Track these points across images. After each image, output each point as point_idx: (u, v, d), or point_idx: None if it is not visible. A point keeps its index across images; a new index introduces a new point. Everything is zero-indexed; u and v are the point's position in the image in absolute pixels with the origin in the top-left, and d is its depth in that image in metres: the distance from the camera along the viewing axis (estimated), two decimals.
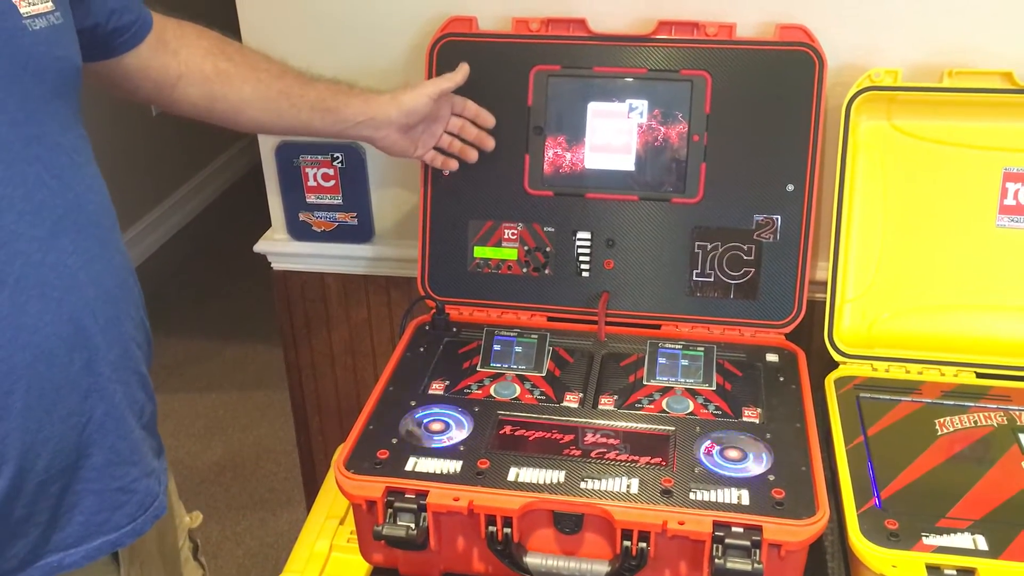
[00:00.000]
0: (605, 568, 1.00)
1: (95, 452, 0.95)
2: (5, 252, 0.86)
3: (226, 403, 2.92)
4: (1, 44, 0.86)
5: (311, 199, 1.54)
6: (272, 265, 1.62)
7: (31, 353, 0.88)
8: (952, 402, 1.20)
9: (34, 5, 0.90)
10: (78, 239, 0.92)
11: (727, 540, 0.95)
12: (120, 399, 0.97)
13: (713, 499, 0.99)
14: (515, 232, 1.35)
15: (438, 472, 1.04)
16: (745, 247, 1.30)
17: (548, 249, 1.34)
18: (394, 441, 1.09)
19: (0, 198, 0.86)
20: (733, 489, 1.01)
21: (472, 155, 1.33)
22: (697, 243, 1.31)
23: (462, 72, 1.29)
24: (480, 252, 1.36)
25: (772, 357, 1.25)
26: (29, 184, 0.88)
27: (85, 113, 0.98)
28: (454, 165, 1.33)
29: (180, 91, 1.16)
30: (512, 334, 1.28)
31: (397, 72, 1.42)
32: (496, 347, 1.26)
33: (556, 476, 1.03)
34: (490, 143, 1.33)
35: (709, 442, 1.08)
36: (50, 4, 0.91)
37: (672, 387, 1.19)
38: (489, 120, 1.32)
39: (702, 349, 1.24)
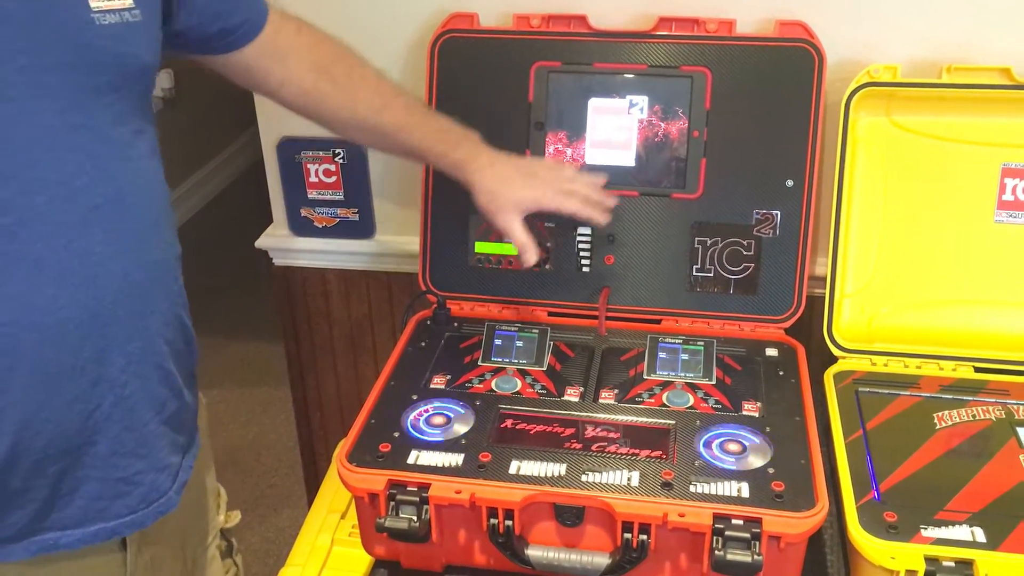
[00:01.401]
0: (606, 560, 1.01)
1: (100, 440, 0.95)
2: (29, 232, 0.87)
3: (227, 399, 2.93)
4: (62, 34, 0.87)
5: (312, 195, 1.55)
6: (273, 261, 1.63)
7: (39, 334, 0.88)
8: (951, 396, 1.20)
9: (108, 0, 0.90)
10: (112, 230, 0.92)
11: (727, 532, 0.95)
12: (133, 391, 0.97)
13: (713, 492, 1.00)
14: None
15: (440, 465, 1.05)
16: (745, 242, 1.30)
17: (549, 244, 1.35)
18: (396, 435, 1.10)
19: (36, 179, 0.87)
20: (733, 482, 1.01)
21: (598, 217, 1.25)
22: (697, 238, 1.31)
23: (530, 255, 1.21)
24: (481, 247, 1.37)
25: (772, 352, 1.25)
26: (68, 170, 0.89)
27: None
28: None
29: (282, 95, 1.16)
30: (513, 329, 1.29)
31: (397, 68, 1.43)
32: (497, 342, 1.26)
33: (557, 469, 1.04)
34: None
35: (709, 435, 1.09)
36: (129, 1, 0.92)
37: (672, 381, 1.19)
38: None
39: (702, 344, 1.25)
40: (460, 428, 1.11)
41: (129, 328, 0.95)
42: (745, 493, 1.00)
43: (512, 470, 1.04)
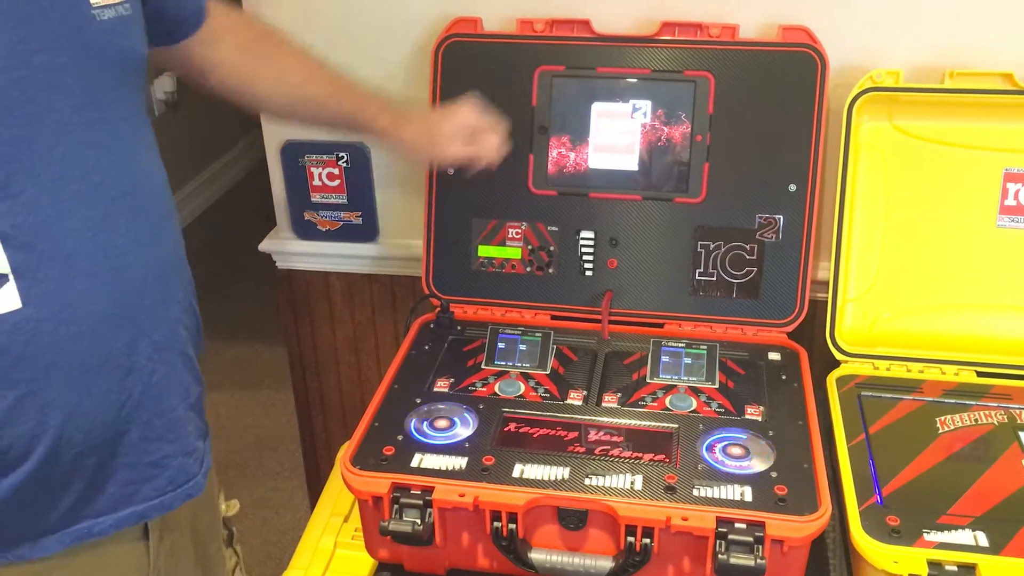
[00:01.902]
0: (609, 564, 1.01)
1: (132, 429, 0.97)
2: (60, 228, 0.88)
3: (229, 401, 2.93)
4: (70, 32, 0.89)
5: (316, 198, 1.55)
6: (277, 264, 1.63)
7: (76, 328, 0.90)
8: (953, 400, 1.21)
9: None
10: (131, 222, 0.94)
11: (730, 536, 0.96)
12: (160, 379, 0.99)
13: (716, 496, 1.00)
14: (519, 231, 1.36)
15: (443, 468, 1.05)
16: (747, 247, 1.31)
17: (552, 248, 1.35)
18: (399, 438, 1.10)
19: (59, 176, 0.88)
20: (736, 486, 1.01)
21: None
22: (700, 242, 1.31)
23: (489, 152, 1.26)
24: (484, 251, 1.37)
25: (774, 356, 1.26)
26: (88, 166, 0.90)
27: None
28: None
29: (216, 78, 1.17)
30: (516, 332, 1.29)
31: (401, 72, 1.43)
32: (500, 345, 1.27)
33: (560, 473, 1.04)
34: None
35: (712, 439, 1.09)
36: None
37: (675, 385, 1.19)
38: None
39: (705, 348, 1.25)
40: (463, 431, 1.11)
41: (154, 317, 0.97)
42: (748, 497, 1.00)
43: (515, 473, 1.04)
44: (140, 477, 1.00)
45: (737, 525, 0.96)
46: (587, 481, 1.02)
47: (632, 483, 1.02)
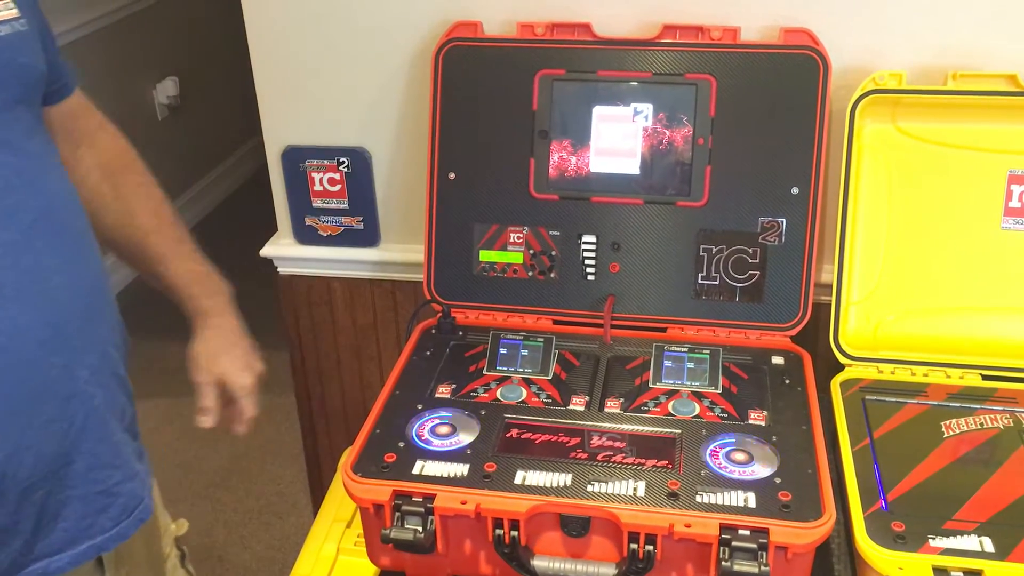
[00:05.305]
0: (612, 571, 1.00)
1: (77, 457, 0.95)
2: None
3: None
4: None
5: (317, 203, 1.55)
6: (278, 269, 1.63)
7: (10, 358, 0.87)
8: (958, 404, 1.20)
9: None
10: (53, 242, 0.92)
11: (734, 543, 0.95)
12: (100, 402, 0.97)
13: (720, 502, 0.99)
14: (520, 236, 1.35)
15: (445, 475, 1.04)
16: (750, 250, 1.30)
17: (554, 253, 1.35)
18: (401, 444, 1.09)
19: None
20: (739, 492, 1.01)
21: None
22: (702, 246, 1.31)
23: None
24: (486, 256, 1.37)
25: (778, 360, 1.25)
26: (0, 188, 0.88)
27: None
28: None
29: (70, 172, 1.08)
30: (518, 337, 1.28)
31: (402, 77, 1.43)
32: (502, 350, 1.26)
33: (563, 479, 1.03)
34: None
35: (715, 445, 1.08)
36: (15, 11, 0.91)
37: (678, 390, 1.19)
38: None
39: (708, 352, 1.25)
40: (465, 438, 1.11)
41: (86, 339, 0.95)
42: (752, 503, 0.99)
43: (518, 480, 1.03)
44: (94, 508, 0.97)
45: (741, 532, 0.96)
46: (589, 488, 1.02)
47: (635, 489, 1.01)
